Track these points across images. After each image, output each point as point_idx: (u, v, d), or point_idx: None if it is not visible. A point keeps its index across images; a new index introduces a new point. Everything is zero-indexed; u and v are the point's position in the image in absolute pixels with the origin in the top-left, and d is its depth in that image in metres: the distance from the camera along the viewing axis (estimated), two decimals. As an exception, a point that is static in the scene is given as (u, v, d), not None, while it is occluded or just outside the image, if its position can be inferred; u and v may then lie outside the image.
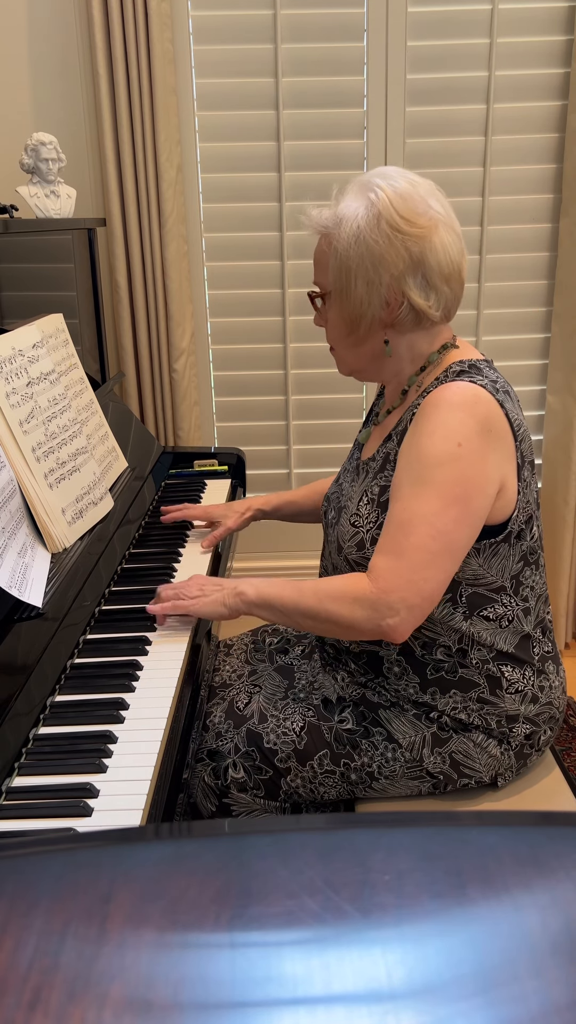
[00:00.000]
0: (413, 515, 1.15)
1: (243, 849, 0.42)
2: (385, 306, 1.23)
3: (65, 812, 0.94)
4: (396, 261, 1.19)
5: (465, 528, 1.17)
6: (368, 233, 1.19)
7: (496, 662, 1.26)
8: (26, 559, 1.25)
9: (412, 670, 1.28)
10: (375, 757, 1.28)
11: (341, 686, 1.35)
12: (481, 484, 1.17)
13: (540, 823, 0.46)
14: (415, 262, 1.20)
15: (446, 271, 1.22)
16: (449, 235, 1.22)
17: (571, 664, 2.64)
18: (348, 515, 1.30)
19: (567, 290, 2.44)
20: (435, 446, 1.16)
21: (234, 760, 1.30)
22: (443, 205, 1.23)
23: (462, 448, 1.15)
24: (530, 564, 1.28)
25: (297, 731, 1.31)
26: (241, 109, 2.37)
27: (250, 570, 2.68)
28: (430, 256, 1.20)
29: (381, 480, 1.27)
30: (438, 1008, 0.33)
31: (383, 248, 1.19)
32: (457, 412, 1.17)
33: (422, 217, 1.19)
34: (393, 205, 1.19)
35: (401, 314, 1.23)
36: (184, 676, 1.23)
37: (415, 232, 1.19)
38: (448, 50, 2.35)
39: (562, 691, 1.34)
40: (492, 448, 1.17)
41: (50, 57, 2.30)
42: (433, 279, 1.21)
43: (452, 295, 1.25)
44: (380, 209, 1.19)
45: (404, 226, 1.18)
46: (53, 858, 0.43)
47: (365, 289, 1.22)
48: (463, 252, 1.25)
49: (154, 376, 2.46)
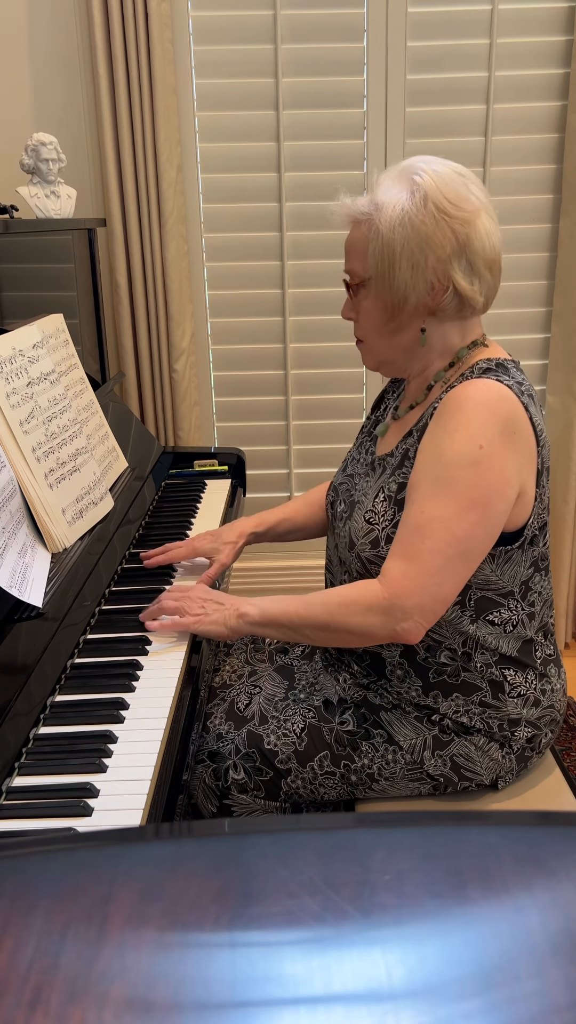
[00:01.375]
0: (431, 519, 1.13)
1: (243, 849, 0.42)
2: (430, 290, 1.20)
3: (65, 812, 0.94)
4: (444, 243, 1.17)
5: (483, 533, 1.15)
6: (415, 214, 1.17)
7: (499, 666, 1.26)
8: (26, 559, 1.25)
9: (415, 673, 1.27)
10: (375, 759, 1.28)
11: (343, 687, 1.35)
12: (501, 488, 1.14)
13: (540, 823, 0.46)
14: (461, 246, 1.18)
15: (490, 257, 1.21)
16: (490, 223, 1.21)
17: (571, 664, 2.64)
18: (363, 511, 1.28)
19: (567, 290, 2.44)
20: (456, 447, 1.13)
21: (234, 761, 1.30)
22: (483, 192, 1.22)
23: (484, 450, 1.12)
24: (540, 570, 1.27)
25: (297, 732, 1.30)
26: (241, 109, 2.37)
27: (250, 570, 2.68)
28: (475, 241, 1.18)
29: (399, 477, 1.25)
30: (438, 1008, 0.33)
31: (430, 229, 1.17)
32: (480, 411, 1.14)
33: (467, 202, 1.18)
34: (440, 188, 1.18)
35: (445, 300, 1.21)
36: (184, 676, 1.23)
37: (461, 215, 1.17)
38: (448, 50, 2.34)
39: (563, 693, 1.34)
40: (514, 451, 1.15)
41: (50, 57, 2.30)
42: (478, 264, 1.20)
43: (493, 283, 1.24)
44: (427, 191, 1.17)
45: (451, 209, 1.17)
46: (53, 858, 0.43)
47: (410, 272, 1.19)
48: (501, 241, 1.23)
49: (154, 376, 2.46)
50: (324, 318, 2.54)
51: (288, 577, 2.71)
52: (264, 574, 2.71)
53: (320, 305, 2.53)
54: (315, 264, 2.49)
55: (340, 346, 2.57)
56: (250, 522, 1.59)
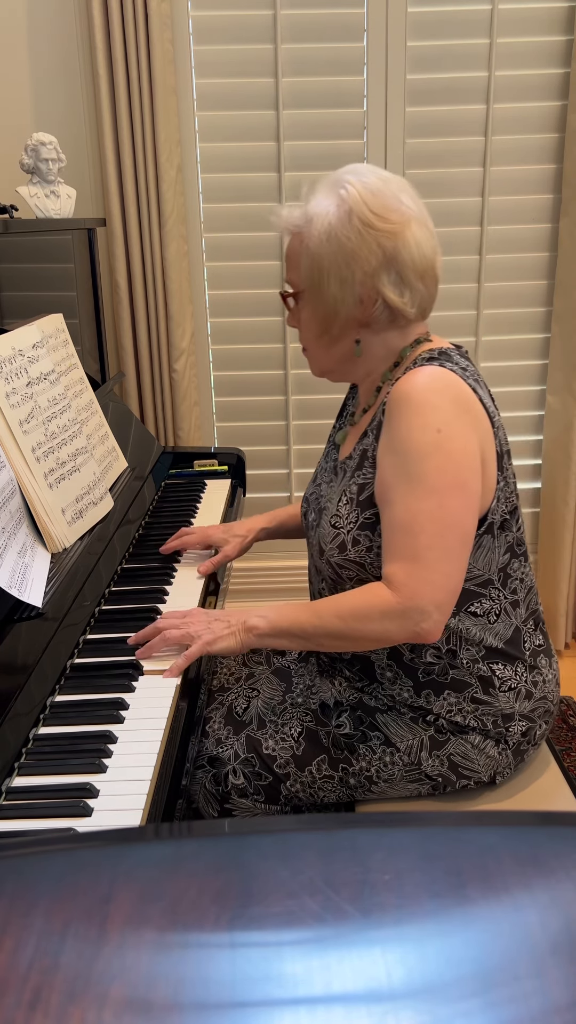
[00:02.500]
0: (416, 515, 1.13)
1: (243, 849, 0.42)
2: (359, 304, 1.21)
3: (65, 812, 0.93)
4: (369, 257, 1.17)
5: (470, 513, 1.16)
6: (340, 230, 1.17)
7: (486, 661, 1.26)
8: (26, 559, 1.25)
9: (404, 674, 1.27)
10: (373, 761, 1.28)
11: (338, 690, 1.34)
12: (472, 465, 1.15)
13: (540, 823, 0.46)
14: (388, 258, 1.18)
15: (420, 268, 1.20)
16: (422, 231, 1.20)
17: (571, 664, 2.64)
18: (328, 516, 1.28)
19: (567, 290, 2.44)
20: (415, 438, 1.13)
21: (234, 767, 1.30)
22: (415, 201, 1.22)
23: (442, 434, 1.13)
24: (517, 556, 1.27)
25: (295, 737, 1.30)
26: (241, 109, 2.37)
27: (250, 570, 2.68)
28: (403, 252, 1.18)
29: (359, 478, 1.25)
30: (438, 1008, 0.33)
31: (355, 244, 1.17)
32: (429, 397, 1.15)
33: (394, 213, 1.18)
34: (364, 201, 1.17)
35: (376, 312, 1.22)
36: (184, 675, 1.23)
37: (387, 228, 1.17)
38: (448, 50, 2.34)
39: (555, 684, 1.34)
40: (472, 427, 1.16)
41: (50, 57, 2.30)
42: (407, 276, 1.20)
43: (427, 293, 1.23)
44: (351, 205, 1.17)
45: (376, 222, 1.17)
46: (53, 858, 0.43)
47: (339, 287, 1.20)
48: (436, 249, 1.23)
49: (154, 376, 2.46)
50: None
51: (288, 577, 2.71)
52: (264, 574, 2.71)
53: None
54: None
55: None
56: (261, 519, 1.64)
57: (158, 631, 1.25)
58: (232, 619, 1.24)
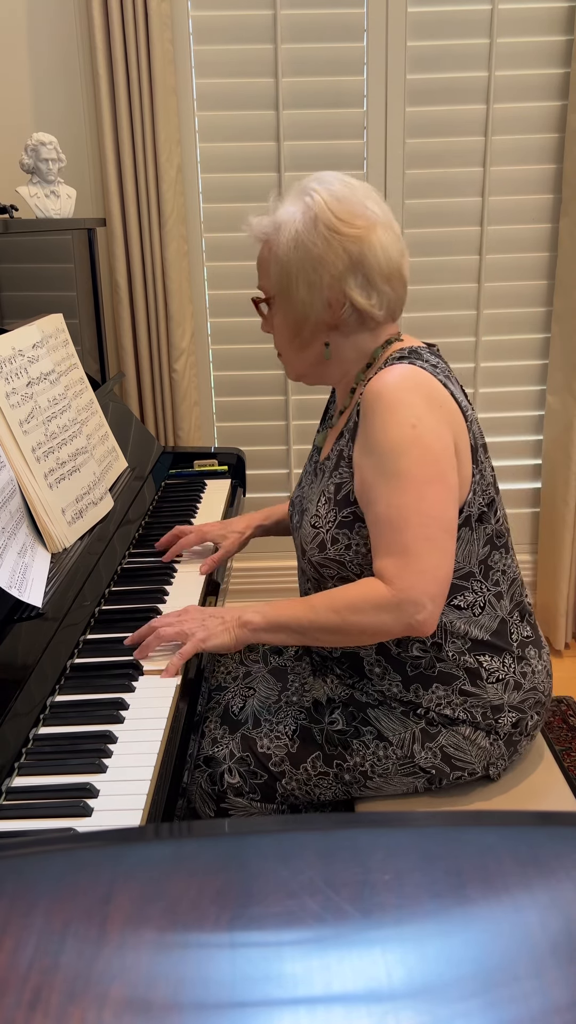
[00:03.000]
0: (400, 509, 1.15)
1: (243, 849, 0.42)
2: (328, 307, 1.24)
3: (65, 812, 0.94)
4: (335, 262, 1.20)
5: (451, 503, 1.17)
6: (306, 236, 1.20)
7: (473, 653, 1.26)
8: (26, 559, 1.25)
9: (392, 669, 1.28)
10: (367, 756, 1.28)
11: (330, 687, 1.35)
12: (447, 456, 1.17)
13: (540, 823, 0.46)
14: (354, 262, 1.21)
15: (386, 271, 1.22)
16: (387, 235, 1.22)
17: (571, 664, 2.64)
18: (309, 517, 1.30)
19: (567, 290, 2.44)
20: (391, 435, 1.15)
21: (229, 766, 1.30)
22: (381, 207, 1.24)
23: (417, 429, 1.15)
24: (498, 548, 1.28)
25: (289, 734, 1.31)
26: (241, 109, 2.37)
27: (250, 570, 2.68)
28: (369, 256, 1.21)
29: (336, 478, 1.27)
30: (438, 1008, 0.33)
31: (322, 250, 1.20)
32: (400, 394, 1.17)
33: (359, 218, 1.20)
34: (329, 207, 1.21)
35: (344, 315, 1.24)
36: (184, 675, 1.23)
37: (352, 232, 1.20)
38: (448, 50, 2.34)
39: (547, 675, 1.34)
40: (445, 422, 1.18)
41: (50, 57, 2.30)
42: (374, 279, 1.22)
43: (395, 295, 1.25)
44: (317, 212, 1.21)
45: (341, 227, 1.20)
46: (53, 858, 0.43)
47: (307, 291, 1.23)
48: (403, 252, 1.25)
49: (154, 376, 2.46)
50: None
51: (288, 577, 2.71)
52: (264, 574, 2.71)
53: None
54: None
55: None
56: (258, 515, 1.66)
57: (153, 630, 1.25)
58: (227, 615, 1.24)
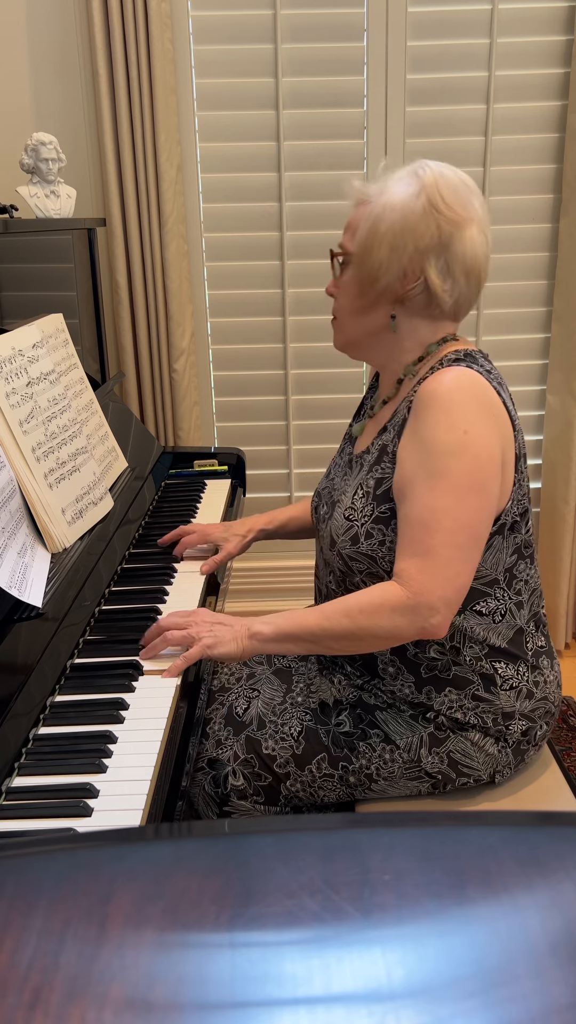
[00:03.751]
0: (434, 512, 1.14)
1: (243, 849, 0.42)
2: (402, 277, 1.23)
3: (65, 812, 0.93)
4: (425, 234, 1.20)
5: (485, 515, 1.17)
6: (407, 202, 1.20)
7: (489, 659, 1.26)
8: (26, 559, 1.25)
9: (407, 669, 1.28)
10: (373, 759, 1.28)
11: (338, 689, 1.35)
12: (492, 468, 1.17)
13: (540, 823, 0.46)
14: (443, 243, 1.20)
15: (469, 264, 1.22)
16: (480, 236, 1.22)
17: (571, 664, 2.64)
18: (342, 509, 1.29)
19: (567, 290, 2.44)
20: (441, 436, 1.15)
21: (233, 768, 1.30)
22: (484, 209, 1.24)
23: (469, 435, 1.15)
24: (524, 557, 1.28)
25: (295, 736, 1.30)
26: (241, 109, 2.37)
27: (250, 570, 2.68)
28: (457, 244, 1.20)
29: (377, 473, 1.26)
30: (438, 1008, 0.33)
31: (417, 219, 1.20)
32: (457, 397, 1.17)
33: (461, 207, 1.21)
34: (438, 185, 1.21)
35: (414, 290, 1.23)
36: (184, 677, 1.23)
37: (451, 216, 1.20)
38: (448, 50, 2.34)
39: (557, 685, 1.34)
40: (495, 430, 1.18)
41: (50, 57, 2.30)
42: (454, 267, 1.22)
43: (468, 291, 1.25)
44: (425, 184, 1.21)
45: (442, 206, 1.20)
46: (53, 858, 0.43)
47: (388, 253, 1.22)
48: (488, 258, 1.25)
49: (154, 376, 2.46)
50: (324, 318, 2.54)
51: (288, 577, 2.71)
52: (264, 574, 2.71)
53: (320, 305, 2.53)
54: (315, 264, 2.49)
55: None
56: (261, 519, 1.65)
57: (161, 631, 1.24)
58: (236, 624, 1.23)
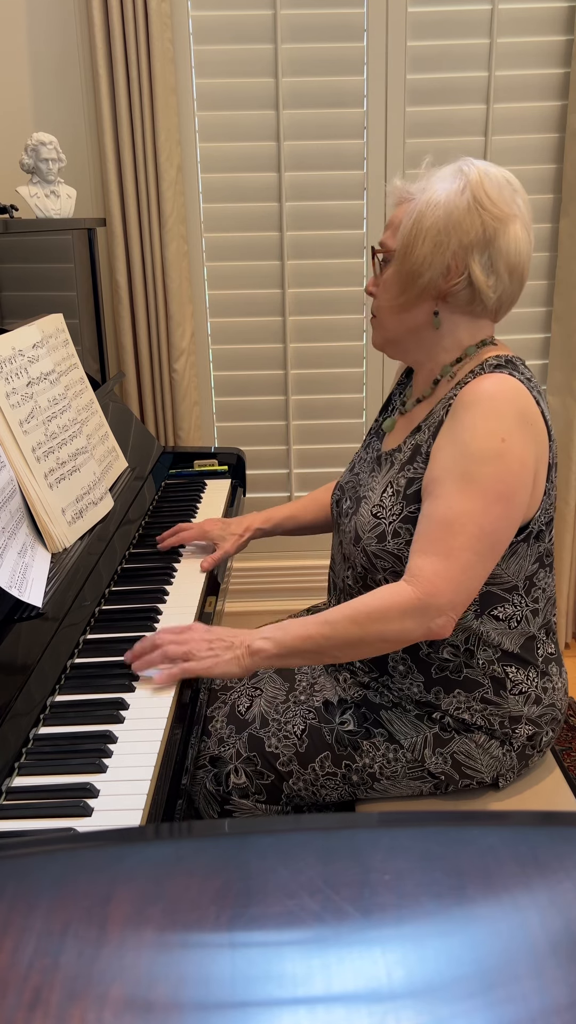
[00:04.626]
0: (459, 514, 1.14)
1: (243, 849, 0.42)
2: (446, 272, 1.22)
3: (65, 812, 0.93)
4: (469, 230, 1.19)
5: (508, 525, 1.17)
6: (452, 198, 1.20)
7: (501, 663, 1.26)
8: (26, 559, 1.25)
9: (417, 669, 1.28)
10: (376, 758, 1.28)
11: (343, 687, 1.35)
12: (524, 480, 1.17)
13: (540, 823, 0.46)
14: (487, 239, 1.20)
15: (513, 261, 1.21)
16: (524, 233, 1.22)
17: (571, 664, 2.64)
18: (370, 505, 1.28)
19: (567, 290, 2.44)
20: (478, 442, 1.15)
21: (235, 766, 1.30)
22: (527, 207, 1.24)
23: (506, 444, 1.15)
24: (544, 566, 1.28)
25: (298, 734, 1.30)
26: (241, 109, 2.37)
27: (250, 569, 2.67)
28: (502, 240, 1.20)
29: (409, 472, 1.25)
30: (438, 1008, 0.33)
31: (461, 214, 1.19)
32: (498, 405, 1.16)
33: (505, 204, 1.20)
34: (483, 182, 1.20)
35: (458, 286, 1.22)
36: (183, 679, 1.23)
37: (495, 211, 1.19)
38: (448, 50, 2.34)
39: (564, 692, 1.34)
40: (532, 442, 1.18)
41: (50, 57, 2.30)
42: (498, 264, 1.21)
43: (511, 288, 1.24)
44: (469, 180, 1.20)
45: (487, 202, 1.19)
46: (53, 858, 0.43)
47: (431, 249, 1.21)
48: (531, 256, 1.25)
49: (154, 376, 2.46)
50: (324, 318, 2.54)
51: (289, 577, 2.71)
52: (264, 574, 2.71)
53: (320, 305, 2.53)
54: (315, 264, 2.49)
55: (340, 346, 2.57)
56: (258, 518, 1.65)
57: (156, 646, 1.21)
58: (235, 641, 1.20)
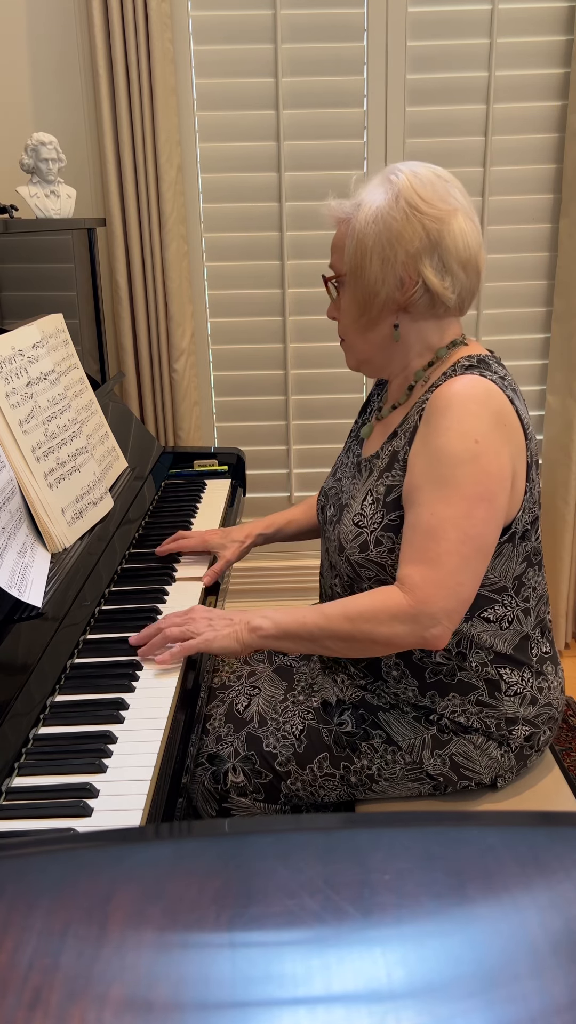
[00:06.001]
0: (441, 520, 1.13)
1: (243, 849, 0.42)
2: (400, 286, 1.22)
3: (65, 812, 0.93)
4: (412, 238, 1.18)
5: (492, 526, 1.16)
6: (386, 211, 1.19)
7: (495, 665, 1.26)
8: (26, 559, 1.25)
9: (411, 673, 1.27)
10: (375, 759, 1.28)
11: (341, 688, 1.35)
12: (502, 479, 1.16)
13: (540, 823, 0.46)
14: (432, 242, 1.19)
15: (463, 256, 1.21)
16: (468, 224, 1.21)
17: (571, 664, 2.64)
18: (351, 514, 1.28)
19: (567, 290, 2.44)
20: (452, 445, 1.14)
21: (233, 764, 1.29)
22: (465, 198, 1.23)
23: (480, 445, 1.14)
24: (533, 565, 1.28)
25: (296, 734, 1.30)
26: (241, 109, 2.37)
27: (250, 570, 2.67)
28: (448, 239, 1.19)
29: (388, 479, 1.25)
30: (438, 1008, 0.33)
31: (400, 225, 1.18)
32: (470, 406, 1.16)
33: (442, 201, 1.19)
34: (413, 186, 1.20)
35: (415, 295, 1.22)
36: (184, 675, 1.23)
37: (434, 213, 1.18)
38: (448, 50, 2.34)
39: (560, 691, 1.34)
40: (506, 441, 1.17)
41: (50, 57, 2.30)
42: (450, 262, 1.20)
43: (468, 283, 1.24)
44: (400, 189, 1.19)
45: (423, 206, 1.18)
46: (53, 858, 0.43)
47: (380, 267, 1.21)
48: (481, 244, 1.24)
49: (154, 376, 2.46)
50: (324, 318, 2.53)
51: (288, 577, 2.71)
52: (264, 574, 2.71)
53: (320, 305, 2.52)
54: (315, 264, 2.49)
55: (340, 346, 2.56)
56: (259, 524, 1.65)
57: (159, 630, 1.25)
58: (235, 618, 1.23)
